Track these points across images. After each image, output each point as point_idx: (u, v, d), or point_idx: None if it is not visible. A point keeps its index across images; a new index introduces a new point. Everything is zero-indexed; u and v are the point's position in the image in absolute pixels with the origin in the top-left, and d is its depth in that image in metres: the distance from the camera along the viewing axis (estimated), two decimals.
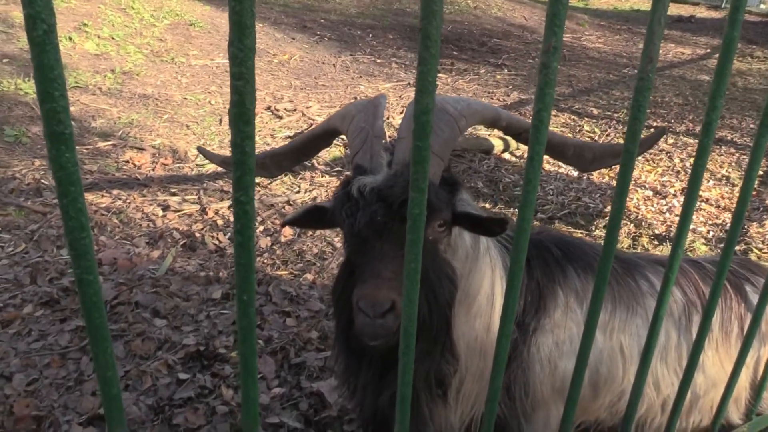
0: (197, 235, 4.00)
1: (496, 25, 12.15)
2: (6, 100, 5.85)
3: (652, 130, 6.69)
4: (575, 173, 5.49)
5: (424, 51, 0.85)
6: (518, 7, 13.89)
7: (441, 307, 1.53)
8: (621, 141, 6.36)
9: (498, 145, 5.79)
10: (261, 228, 4.16)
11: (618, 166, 1.16)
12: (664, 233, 4.56)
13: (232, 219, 4.07)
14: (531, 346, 1.84)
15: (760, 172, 5.68)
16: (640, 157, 5.85)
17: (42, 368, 2.80)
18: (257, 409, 0.98)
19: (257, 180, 4.83)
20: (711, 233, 4.60)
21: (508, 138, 5.91)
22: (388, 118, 6.25)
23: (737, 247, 4.38)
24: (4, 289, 3.33)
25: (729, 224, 1.51)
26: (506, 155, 5.80)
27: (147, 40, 7.98)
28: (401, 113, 6.62)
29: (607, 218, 4.72)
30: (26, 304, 3.19)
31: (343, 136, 1.75)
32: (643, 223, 4.68)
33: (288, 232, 4.12)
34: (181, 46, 8.12)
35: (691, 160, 5.95)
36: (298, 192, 4.72)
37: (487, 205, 4.82)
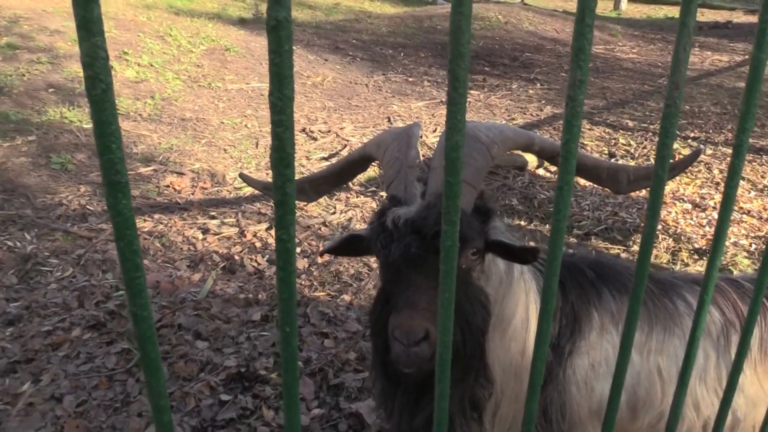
0: (236, 257, 4.09)
1: (527, 40, 12.14)
2: (52, 128, 6.09)
3: (689, 141, 6.60)
4: None
5: (453, 92, 0.88)
6: (549, 20, 13.86)
7: (474, 334, 1.56)
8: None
9: (532, 160, 5.78)
10: (298, 249, 4.24)
11: (651, 187, 1.18)
12: (704, 247, 4.48)
13: (269, 241, 4.15)
14: (567, 369, 1.84)
15: None
16: None
17: (90, 390, 2.89)
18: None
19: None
20: (753, 246, 4.50)
21: None
22: (421, 137, 6.29)
23: None
24: (53, 312, 3.46)
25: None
26: (540, 171, 5.78)
27: (185, 66, 8.21)
28: (434, 131, 6.67)
29: None
30: (74, 328, 3.31)
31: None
32: (682, 238, 4.61)
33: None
34: (217, 71, 8.33)
35: None
36: (334, 213, 4.79)
37: (522, 222, 4.81)
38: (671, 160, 1.26)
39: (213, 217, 4.67)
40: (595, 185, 5.31)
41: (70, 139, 5.92)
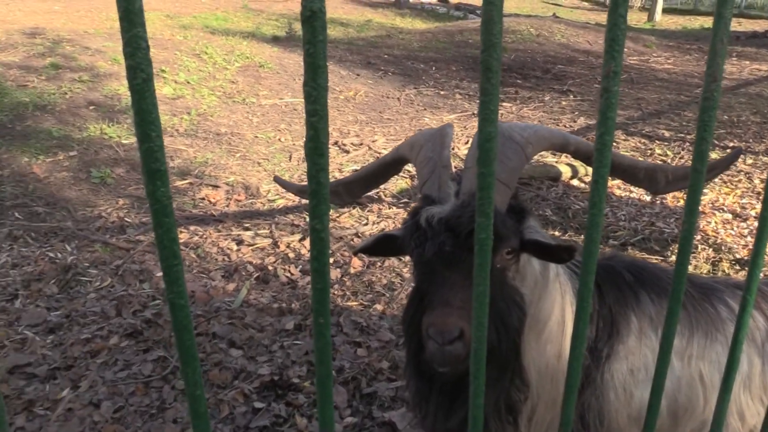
0: (270, 268, 4.13)
1: (559, 52, 12.07)
2: (93, 144, 6.26)
3: (728, 150, 6.46)
4: (648, 197, 5.35)
5: (486, 82, 0.89)
6: (582, 32, 13.77)
7: (510, 334, 1.54)
8: None
9: (566, 171, 5.72)
10: (331, 260, 4.25)
11: (690, 183, 1.15)
12: (745, 257, 4.36)
13: (302, 252, 4.18)
14: (605, 373, 1.80)
15: None
16: (717, 179, 5.65)
17: (127, 396, 2.94)
18: (333, 427, 1.02)
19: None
20: None
21: (576, 164, 5.83)
22: (453, 149, 6.29)
23: None
24: (92, 321, 3.53)
25: None
26: (575, 182, 5.71)
27: (220, 82, 8.37)
28: (466, 143, 6.66)
29: None
30: (112, 336, 3.37)
31: (410, 166, 1.81)
32: (723, 248, 4.49)
33: (357, 263, 4.20)
34: (251, 87, 8.47)
35: None
36: (366, 224, 4.80)
37: (556, 233, 4.75)
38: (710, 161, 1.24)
39: (247, 229, 4.73)
40: (632, 188, 5.23)
41: (109, 154, 6.08)
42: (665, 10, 20.46)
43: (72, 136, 6.36)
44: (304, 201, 5.13)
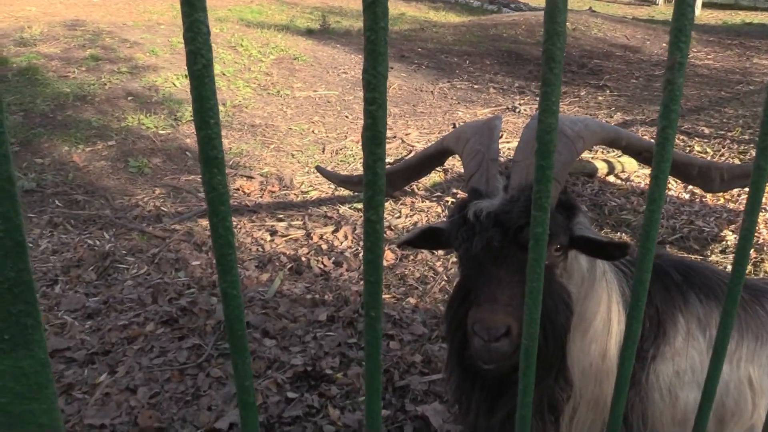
0: (303, 259, 4.14)
1: (596, 46, 11.86)
2: (131, 134, 6.35)
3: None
4: (686, 195, 5.23)
5: (548, 72, 0.86)
6: (619, 26, 13.51)
7: (557, 332, 1.51)
8: (736, 161, 6.00)
9: (602, 168, 5.63)
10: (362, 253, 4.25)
11: (751, 180, 1.11)
12: None
13: (335, 243, 4.19)
14: (650, 374, 1.76)
15: None
16: None
17: (163, 382, 2.98)
18: (380, 422, 1.01)
19: (359, 206, 4.95)
20: None
21: (612, 160, 5.73)
22: None
23: None
24: (129, 308, 3.59)
25: None
26: (611, 178, 5.61)
27: (254, 74, 8.42)
28: (501, 137, 6.58)
29: (723, 243, 4.46)
30: (148, 323, 3.42)
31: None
32: (766, 248, 4.37)
33: (390, 256, 4.18)
34: (285, 79, 8.50)
35: None
36: (399, 217, 4.79)
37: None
38: None
39: (280, 220, 4.75)
40: (670, 185, 5.12)
41: (146, 145, 6.16)
42: (705, 5, 19.96)
43: (111, 126, 6.46)
44: (338, 192, 5.14)
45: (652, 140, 1.04)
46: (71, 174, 5.37)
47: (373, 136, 0.81)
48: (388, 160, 6.00)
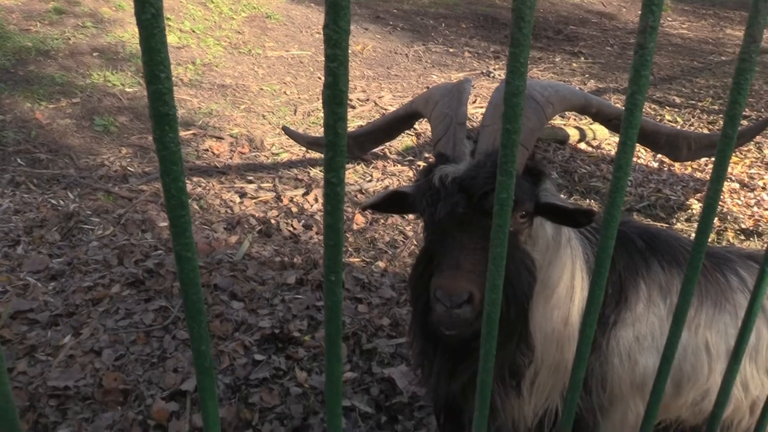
0: (273, 221, 4.10)
1: (572, 12, 11.80)
2: (96, 91, 6.16)
3: (744, 122, 6.36)
4: (654, 164, 5.29)
5: (517, 31, 0.83)
6: None
7: (519, 299, 1.51)
8: (705, 131, 6.06)
9: (573, 134, 5.64)
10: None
11: (717, 148, 1.11)
12: (751, 228, 4.33)
13: (305, 206, 4.15)
14: (610, 339, 1.79)
15: None
16: None
17: (128, 345, 2.94)
18: (340, 387, 1.00)
19: None
20: None
21: (584, 127, 5.75)
22: None
23: None
24: (94, 269, 3.52)
25: None
26: (582, 145, 5.64)
27: (225, 32, 8.20)
28: (474, 102, 6.55)
29: (689, 211, 4.53)
30: (114, 284, 3.36)
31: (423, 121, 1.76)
32: (729, 217, 4.46)
33: (360, 220, 4.17)
34: (257, 38, 8.30)
35: None
36: (371, 181, 4.75)
37: (562, 196, 4.71)
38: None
39: (250, 182, 4.68)
40: (640, 153, 5.16)
41: (112, 102, 5.99)
42: None
43: (75, 83, 6.25)
44: (309, 155, 5.08)
45: (623, 108, 1.03)
46: (34, 131, 5.21)
47: (334, 95, 0.78)
48: (360, 123, 5.93)
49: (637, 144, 1.74)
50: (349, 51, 8.67)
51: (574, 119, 6.34)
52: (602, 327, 1.78)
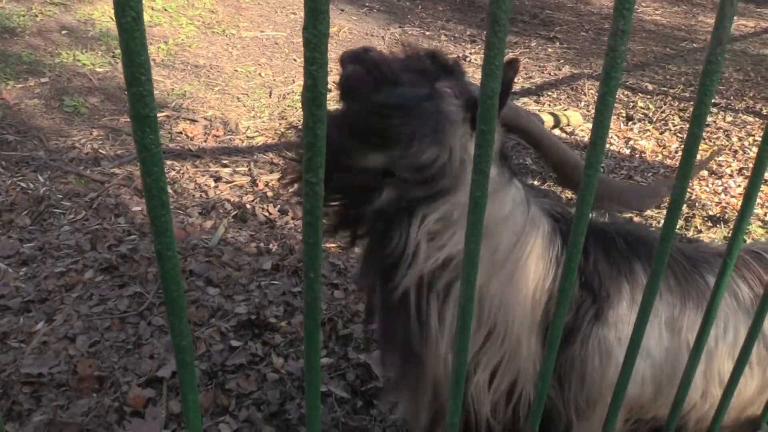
0: (248, 206, 4.09)
1: None
2: (65, 70, 6.03)
3: (714, 110, 6.48)
4: (626, 150, 5.38)
5: (492, 36, 0.85)
6: None
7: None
8: (676, 117, 6.17)
9: (548, 120, 5.70)
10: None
11: (684, 146, 1.14)
12: (718, 215, 4.44)
13: (281, 191, 4.14)
14: (591, 338, 1.78)
15: None
16: None
17: (103, 331, 2.93)
18: (320, 379, 1.02)
19: None
20: None
21: (558, 113, 5.81)
22: None
23: None
24: (66, 254, 3.49)
25: None
26: (556, 131, 5.70)
27: (198, 11, 8.07)
28: None
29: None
30: (87, 270, 3.33)
31: None
32: (697, 204, 4.56)
33: None
34: (231, 17, 8.19)
35: (750, 139, 5.74)
36: None
37: (536, 182, 4.77)
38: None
39: (225, 166, 4.65)
40: (611, 139, 5.22)
41: (83, 83, 5.88)
42: None
43: (43, 62, 6.12)
44: (284, 139, 5.05)
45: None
46: (1, 112, 5.09)
47: (314, 97, 0.79)
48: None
49: (609, 132, 1.78)
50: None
51: (549, 105, 6.40)
52: (579, 322, 1.78)
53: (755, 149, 4.48)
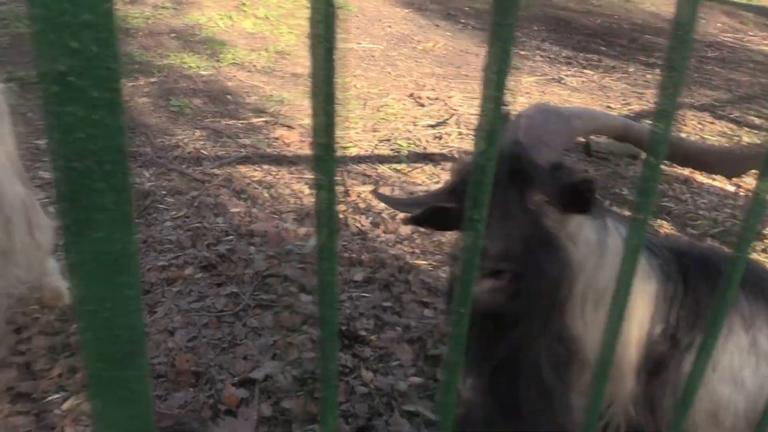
0: (340, 216, 4.15)
1: (648, 21, 11.47)
2: (173, 71, 6.34)
3: None
4: (731, 188, 5.12)
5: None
6: (673, 1, 13.01)
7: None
8: None
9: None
10: (401, 215, 4.24)
11: None
12: None
13: (373, 203, 4.19)
14: (684, 365, 1.78)
15: None
16: None
17: (200, 327, 3.04)
18: (453, 410, 1.02)
19: (398, 167, 4.93)
20: None
21: None
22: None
23: None
24: (168, 249, 3.64)
25: None
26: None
27: (299, 21, 8.30)
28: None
29: (766, 241, 4.38)
30: (187, 266, 3.47)
31: None
32: None
33: None
34: None
35: None
36: (438, 182, 4.76)
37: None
38: None
39: None
40: (715, 176, 5.02)
41: (188, 84, 6.15)
42: None
43: (153, 63, 6.45)
44: (377, 151, 5.12)
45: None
46: None
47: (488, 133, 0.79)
48: (429, 122, 5.93)
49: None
50: (420, 47, 8.64)
51: None
52: (673, 350, 1.79)
53: None
